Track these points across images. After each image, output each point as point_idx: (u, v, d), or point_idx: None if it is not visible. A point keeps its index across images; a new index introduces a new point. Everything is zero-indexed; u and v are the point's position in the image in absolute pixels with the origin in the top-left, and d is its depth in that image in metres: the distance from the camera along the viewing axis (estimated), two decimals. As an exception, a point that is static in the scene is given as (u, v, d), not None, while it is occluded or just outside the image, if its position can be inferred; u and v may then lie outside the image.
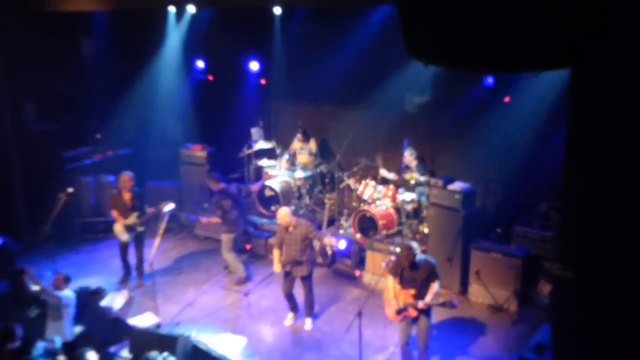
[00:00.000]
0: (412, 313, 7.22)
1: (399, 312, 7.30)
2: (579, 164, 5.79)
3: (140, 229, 9.83)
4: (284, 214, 8.48)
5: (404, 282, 7.26)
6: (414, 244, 7.28)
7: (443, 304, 7.26)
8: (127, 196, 9.81)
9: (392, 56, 8.52)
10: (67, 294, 7.93)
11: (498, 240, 9.38)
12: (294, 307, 8.79)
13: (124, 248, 10.02)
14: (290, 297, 8.70)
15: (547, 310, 7.70)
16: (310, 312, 8.80)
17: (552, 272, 6.78)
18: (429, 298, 7.13)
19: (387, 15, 9.27)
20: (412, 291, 7.18)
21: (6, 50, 10.77)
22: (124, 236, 9.83)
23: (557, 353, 5.54)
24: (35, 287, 8.43)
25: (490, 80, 9.22)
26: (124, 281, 10.18)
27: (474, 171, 9.68)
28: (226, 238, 9.62)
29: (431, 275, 7.21)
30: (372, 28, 9.76)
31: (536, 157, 8.90)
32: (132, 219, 9.74)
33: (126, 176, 9.90)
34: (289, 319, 8.84)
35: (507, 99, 9.28)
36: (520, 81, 8.83)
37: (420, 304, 7.10)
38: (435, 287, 7.21)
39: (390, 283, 7.38)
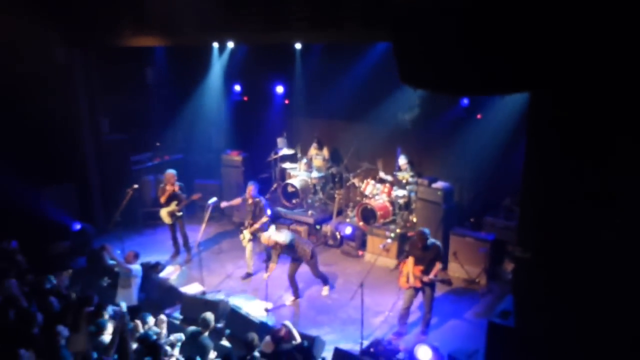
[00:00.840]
0: (417, 284, 7.24)
1: (409, 282, 7.32)
2: (535, 168, 5.79)
3: (179, 214, 9.88)
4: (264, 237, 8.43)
5: (416, 260, 7.29)
6: (427, 230, 7.30)
7: (442, 281, 7.35)
8: (170, 188, 9.86)
9: (387, 82, 8.50)
10: (136, 267, 7.97)
11: (471, 227, 9.36)
12: (295, 291, 8.70)
13: (171, 229, 10.10)
14: (292, 281, 8.59)
15: (511, 284, 7.67)
16: (324, 282, 8.80)
17: (514, 254, 6.74)
18: (432, 274, 7.15)
19: (384, 50, 9.26)
20: (420, 267, 7.20)
21: (87, 76, 10.86)
22: (167, 219, 9.91)
23: (518, 317, 5.56)
24: (111, 261, 8.49)
25: (465, 101, 9.22)
26: (174, 256, 10.23)
27: (453, 173, 9.65)
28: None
29: (437, 256, 7.26)
30: (372, 59, 9.73)
31: (502, 162, 8.88)
32: (172, 206, 9.81)
33: (170, 173, 9.98)
34: (288, 300, 8.69)
35: (479, 116, 9.27)
36: (490, 102, 8.83)
37: (425, 278, 7.14)
38: (438, 266, 7.25)
39: (410, 262, 7.36)
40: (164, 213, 9.89)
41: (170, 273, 9.50)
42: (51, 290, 7.32)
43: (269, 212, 9.28)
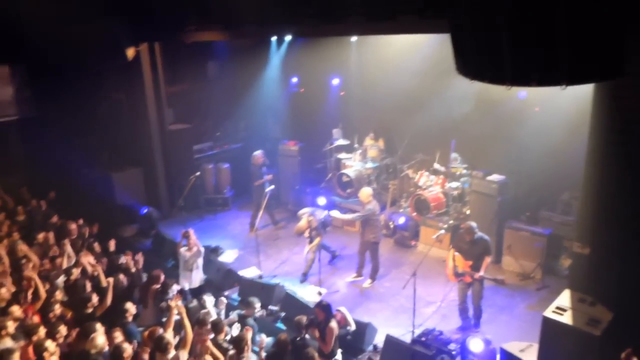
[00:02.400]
0: (467, 279, 7.14)
1: (457, 275, 7.24)
2: (597, 162, 5.58)
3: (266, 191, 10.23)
4: (364, 193, 8.53)
5: (464, 254, 7.18)
6: (474, 224, 7.17)
7: (495, 280, 7.18)
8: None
9: (443, 73, 8.35)
10: (201, 250, 8.17)
11: (527, 222, 9.10)
12: (360, 267, 8.80)
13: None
14: (360, 257, 8.73)
15: (567, 279, 7.43)
16: (372, 274, 8.81)
17: (572, 249, 6.53)
18: (483, 271, 7.03)
19: (440, 41, 9.07)
20: (469, 262, 7.09)
21: (153, 70, 11.24)
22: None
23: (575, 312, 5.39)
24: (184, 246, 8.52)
25: (523, 93, 8.90)
26: (251, 231, 10.51)
27: (509, 166, 9.36)
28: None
29: (485, 250, 7.09)
30: (428, 51, 9.59)
31: (560, 155, 8.54)
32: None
33: (258, 153, 10.44)
34: (350, 277, 8.88)
35: (537, 109, 8.95)
36: (548, 94, 8.47)
37: (477, 275, 7.03)
38: (488, 260, 7.09)
39: (451, 253, 7.30)
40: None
41: (227, 257, 9.77)
42: (120, 267, 7.69)
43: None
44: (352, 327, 6.71)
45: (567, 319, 5.39)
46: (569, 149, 8.11)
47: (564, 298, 5.73)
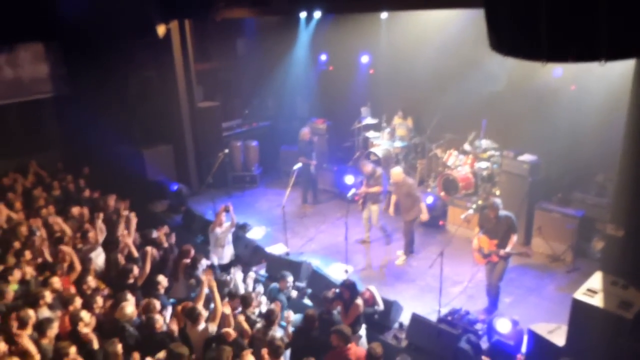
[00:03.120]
0: (495, 259, 7.07)
1: (484, 257, 7.17)
2: (636, 144, 5.40)
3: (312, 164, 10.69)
4: (395, 172, 8.56)
5: (489, 233, 7.09)
6: (498, 201, 7.06)
7: (520, 253, 7.08)
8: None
9: (475, 50, 8.13)
10: (235, 223, 8.26)
11: (558, 203, 8.91)
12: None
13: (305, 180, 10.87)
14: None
15: (599, 262, 7.28)
16: (406, 249, 8.87)
17: (606, 231, 6.38)
18: (509, 248, 6.93)
19: (472, 16, 8.83)
20: (495, 241, 7.01)
21: (183, 48, 11.27)
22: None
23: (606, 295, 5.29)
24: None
25: (559, 70, 8.62)
26: (303, 207, 10.98)
27: (541, 146, 9.13)
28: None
29: (510, 228, 6.98)
30: (458, 27, 9.36)
31: (595, 136, 8.29)
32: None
33: (306, 130, 10.68)
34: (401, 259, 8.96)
35: (573, 87, 8.67)
36: (585, 73, 8.18)
37: (502, 252, 6.94)
38: (514, 238, 6.98)
39: (476, 234, 7.23)
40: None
41: (255, 234, 9.87)
42: (154, 241, 7.86)
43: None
44: (381, 306, 6.73)
45: (598, 301, 5.29)
46: (605, 129, 7.87)
47: (595, 280, 5.63)
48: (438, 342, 6.33)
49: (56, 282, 6.32)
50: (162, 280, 6.65)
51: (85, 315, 5.53)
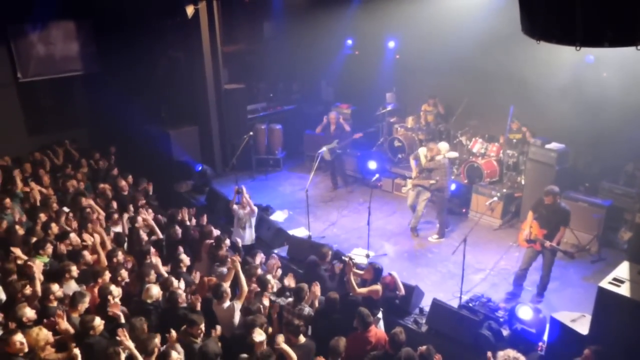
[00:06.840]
0: (537, 247, 6.97)
1: (528, 241, 7.07)
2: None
3: (338, 151, 10.53)
4: (443, 146, 8.74)
5: (540, 220, 6.95)
6: (556, 189, 6.87)
7: (565, 252, 6.95)
8: (332, 128, 10.59)
9: (504, 35, 7.97)
10: (255, 210, 8.36)
11: (585, 192, 8.77)
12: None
13: (331, 165, 10.85)
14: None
15: (626, 252, 7.15)
16: (439, 230, 8.93)
17: (635, 220, 6.26)
18: (555, 241, 6.80)
19: (503, 1, 8.65)
20: (544, 231, 6.89)
21: (210, 29, 11.28)
22: (327, 156, 10.38)
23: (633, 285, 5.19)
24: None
25: (591, 57, 8.40)
26: (332, 190, 11.02)
27: (569, 134, 8.97)
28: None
29: (563, 220, 6.84)
30: (488, 12, 9.15)
31: (626, 125, 8.09)
32: (333, 144, 10.34)
33: (332, 113, 10.70)
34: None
35: (605, 74, 8.45)
36: (619, 59, 7.96)
37: (547, 244, 6.82)
38: (563, 231, 6.85)
39: (530, 218, 7.08)
40: (325, 150, 10.17)
41: (278, 216, 9.93)
42: (178, 221, 7.99)
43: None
44: (402, 292, 6.73)
45: (624, 290, 5.21)
46: (634, 118, 7.69)
47: (622, 270, 5.53)
48: (459, 328, 6.33)
49: (87, 255, 6.50)
50: (184, 258, 6.77)
51: (114, 289, 5.66)
